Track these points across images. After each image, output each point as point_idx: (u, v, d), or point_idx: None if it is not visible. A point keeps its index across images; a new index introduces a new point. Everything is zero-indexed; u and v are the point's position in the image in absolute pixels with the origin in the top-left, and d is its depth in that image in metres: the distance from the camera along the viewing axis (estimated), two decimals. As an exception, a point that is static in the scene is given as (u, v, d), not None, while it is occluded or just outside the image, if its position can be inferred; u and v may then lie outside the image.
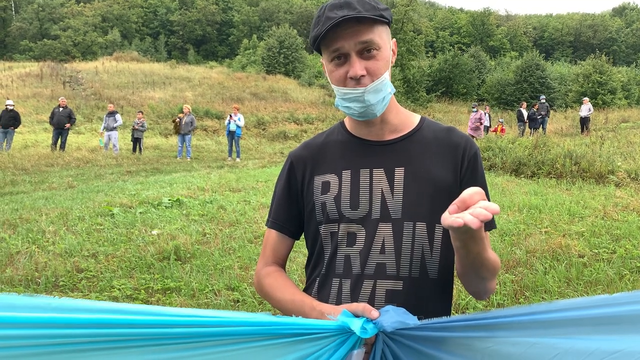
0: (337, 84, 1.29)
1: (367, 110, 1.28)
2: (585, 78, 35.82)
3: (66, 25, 65.04)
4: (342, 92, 1.29)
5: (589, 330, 1.03)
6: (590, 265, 5.05)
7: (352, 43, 1.23)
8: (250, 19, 72.68)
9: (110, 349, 1.07)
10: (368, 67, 1.25)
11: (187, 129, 17.20)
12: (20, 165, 13.71)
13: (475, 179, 1.35)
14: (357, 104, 1.28)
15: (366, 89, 1.25)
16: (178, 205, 7.85)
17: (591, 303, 1.04)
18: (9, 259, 5.25)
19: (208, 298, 4.34)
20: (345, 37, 1.23)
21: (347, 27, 1.22)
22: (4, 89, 29.67)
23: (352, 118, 1.40)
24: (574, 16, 79.89)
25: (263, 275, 1.44)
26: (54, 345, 1.05)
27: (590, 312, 1.03)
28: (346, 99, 1.29)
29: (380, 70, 1.26)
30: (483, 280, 1.27)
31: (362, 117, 1.31)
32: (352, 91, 1.26)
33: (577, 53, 68.57)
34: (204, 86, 35.74)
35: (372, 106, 1.28)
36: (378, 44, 1.25)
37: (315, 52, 1.38)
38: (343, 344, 1.10)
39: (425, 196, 1.29)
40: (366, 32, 1.23)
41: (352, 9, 1.22)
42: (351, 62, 1.25)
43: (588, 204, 7.71)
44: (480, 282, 1.28)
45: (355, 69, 1.24)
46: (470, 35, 68.39)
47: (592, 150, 11.97)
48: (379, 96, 1.28)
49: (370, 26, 1.24)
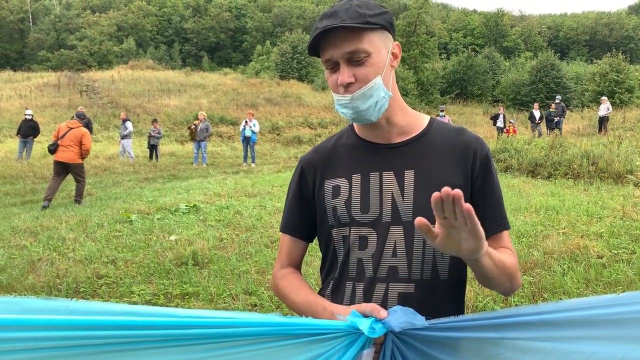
0: (332, 90, 1.32)
1: (359, 116, 1.30)
2: (602, 77, 35.34)
3: (82, 35, 65.93)
4: (335, 98, 1.31)
5: (599, 333, 1.03)
6: (609, 266, 5.00)
7: (340, 52, 1.25)
8: (263, 25, 73.00)
9: (127, 350, 1.10)
10: (356, 74, 1.26)
11: (203, 135, 17.32)
12: (39, 174, 13.93)
13: (488, 180, 1.35)
14: (348, 110, 1.29)
15: (353, 95, 1.26)
16: (195, 211, 7.92)
17: (601, 302, 1.04)
18: (30, 266, 5.34)
19: (226, 302, 4.38)
20: (333, 46, 1.25)
21: (335, 36, 1.24)
22: (23, 99, 30.19)
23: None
24: (589, 15, 78.98)
25: (279, 277, 1.47)
26: (72, 348, 1.08)
27: (601, 312, 1.04)
28: (340, 105, 1.31)
29: (369, 77, 1.26)
30: (505, 283, 1.26)
31: (357, 121, 1.33)
32: (342, 98, 1.29)
33: (593, 52, 67.74)
34: (218, 93, 35.96)
35: (363, 112, 1.28)
36: (366, 51, 1.25)
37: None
38: (353, 344, 1.12)
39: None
40: (353, 41, 1.24)
41: (337, 18, 1.23)
42: (340, 70, 1.27)
43: (606, 204, 7.62)
44: (504, 284, 1.26)
45: (343, 77, 1.25)
46: (484, 37, 67.91)
47: (609, 150, 11.82)
48: (369, 102, 1.27)
49: (358, 34, 1.24)
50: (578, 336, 1.05)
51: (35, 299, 1.10)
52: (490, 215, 1.34)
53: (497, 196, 1.36)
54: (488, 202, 1.34)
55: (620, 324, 1.02)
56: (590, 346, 1.03)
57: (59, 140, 9.45)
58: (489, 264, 1.14)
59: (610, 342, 1.02)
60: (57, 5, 75.11)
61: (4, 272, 5.10)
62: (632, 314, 1.01)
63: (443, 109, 19.70)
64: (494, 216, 1.34)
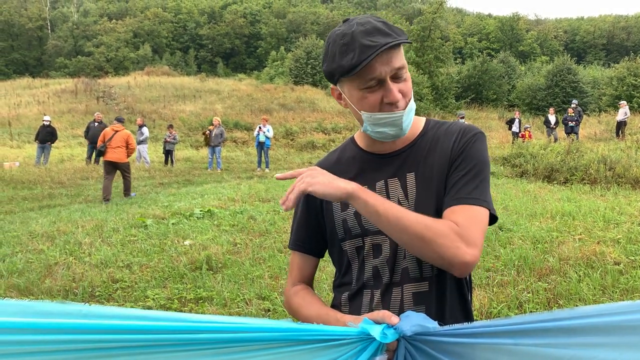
0: (370, 110, 1.27)
1: (402, 132, 1.31)
2: (620, 81, 34.92)
3: (99, 42, 66.86)
4: (376, 117, 1.28)
5: (616, 340, 1.02)
6: (626, 272, 4.93)
7: (389, 69, 1.23)
8: (278, 31, 73.38)
9: (139, 354, 1.10)
10: (401, 90, 1.26)
11: (217, 140, 17.42)
12: (57, 179, 14.12)
13: (464, 157, 1.31)
14: (393, 128, 1.29)
15: (404, 111, 1.27)
16: (209, 215, 7.96)
17: (619, 309, 1.03)
18: (47, 270, 5.41)
19: (239, 307, 4.39)
20: (382, 64, 1.22)
21: (383, 54, 1.22)
22: (41, 105, 30.66)
23: (366, 135, 1.40)
24: (606, 18, 78.19)
25: (291, 295, 1.47)
26: (85, 351, 1.09)
27: (618, 319, 1.03)
28: (380, 124, 1.29)
29: (410, 90, 1.30)
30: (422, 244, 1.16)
31: (394, 138, 1.33)
32: (390, 115, 1.27)
33: (610, 56, 67.02)
34: (233, 98, 36.19)
35: (407, 127, 1.31)
36: (406, 66, 1.28)
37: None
38: (365, 350, 1.12)
39: (431, 193, 1.30)
40: (399, 57, 1.25)
41: (387, 35, 1.21)
42: (387, 87, 1.24)
43: (624, 210, 7.53)
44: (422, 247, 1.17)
45: (395, 95, 1.24)
46: (499, 41, 67.53)
47: (627, 155, 11.68)
48: (411, 115, 1.31)
49: (400, 50, 1.26)
50: (595, 343, 1.03)
51: (50, 303, 1.12)
52: (456, 190, 1.27)
53: (473, 176, 1.28)
54: (462, 179, 1.28)
55: (638, 331, 1.01)
56: (607, 353, 1.02)
57: (108, 143, 10.68)
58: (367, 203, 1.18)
59: (627, 349, 1.01)
60: (75, 13, 76.28)
61: (21, 276, 5.18)
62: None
63: (462, 115, 18.93)
64: (459, 191, 1.27)
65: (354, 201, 1.19)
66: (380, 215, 1.17)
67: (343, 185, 1.18)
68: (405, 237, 1.17)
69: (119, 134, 10.81)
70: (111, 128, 11.08)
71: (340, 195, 1.17)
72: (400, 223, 1.16)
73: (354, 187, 1.18)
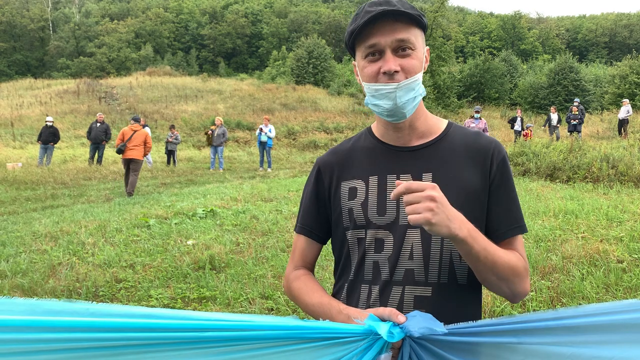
0: (368, 80, 1.28)
1: (397, 109, 1.27)
2: (622, 79, 34.89)
3: (101, 43, 66.97)
4: (373, 88, 1.28)
5: (619, 338, 1.02)
6: (629, 270, 4.92)
7: (389, 40, 1.23)
8: (279, 30, 73.41)
9: (145, 352, 1.11)
10: (403, 64, 1.25)
11: (220, 140, 17.45)
12: (59, 179, 14.14)
13: (505, 183, 1.34)
14: (388, 102, 1.26)
15: (399, 84, 1.24)
16: (212, 215, 7.97)
17: (622, 307, 1.04)
18: (51, 270, 5.42)
19: (243, 306, 4.40)
20: (382, 33, 1.24)
21: (384, 23, 1.23)
22: (44, 106, 30.73)
23: (380, 123, 1.40)
24: (608, 16, 78.03)
25: (292, 279, 1.46)
26: (90, 349, 1.10)
27: (621, 317, 1.03)
28: (376, 96, 1.28)
29: (415, 69, 1.26)
30: (502, 282, 1.25)
31: (391, 116, 1.30)
32: (384, 87, 1.25)
33: (612, 54, 66.92)
34: (235, 98, 36.22)
35: (403, 104, 1.26)
36: (414, 44, 1.26)
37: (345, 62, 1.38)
38: (370, 348, 1.12)
39: (454, 201, 1.23)
40: (403, 30, 1.24)
41: (391, 5, 1.23)
42: (386, 57, 1.24)
43: (627, 208, 7.51)
44: (501, 284, 1.25)
45: (390, 64, 1.23)
46: (501, 39, 67.49)
47: (630, 153, 11.65)
48: (410, 95, 1.27)
49: (407, 25, 1.25)
50: (598, 341, 1.04)
51: (57, 301, 1.13)
52: (506, 218, 1.33)
53: (513, 199, 1.35)
54: (504, 205, 1.34)
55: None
56: (610, 351, 1.02)
57: (127, 142, 11.33)
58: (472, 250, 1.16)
59: (630, 346, 1.01)
60: (77, 14, 76.38)
61: (25, 276, 5.19)
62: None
63: (479, 110, 16.22)
64: (509, 219, 1.33)
65: (459, 245, 1.16)
66: (480, 261, 1.19)
67: (456, 231, 1.11)
68: (492, 277, 1.24)
69: (137, 134, 11.41)
70: (130, 128, 11.52)
71: (448, 236, 1.12)
72: (494, 267, 1.21)
73: (465, 235, 1.13)
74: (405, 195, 1.11)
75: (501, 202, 1.34)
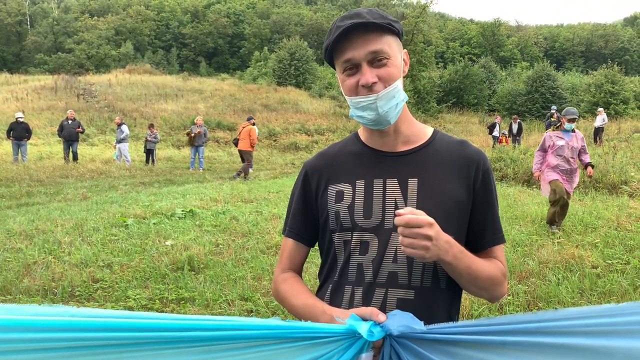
0: (349, 93, 1.31)
1: (380, 118, 1.29)
2: (597, 88, 35.61)
3: (80, 39, 65.87)
4: (354, 101, 1.30)
5: (596, 341, 1.05)
6: (603, 276, 5.03)
7: (362, 53, 1.26)
8: (261, 31, 73.12)
9: (125, 352, 1.11)
10: (380, 75, 1.27)
11: (200, 140, 17.33)
12: (35, 176, 13.89)
13: (488, 195, 1.39)
14: (370, 112, 1.29)
15: (378, 95, 1.27)
16: (191, 216, 7.91)
17: (599, 312, 1.07)
18: (26, 269, 5.33)
19: (222, 308, 4.37)
20: (355, 47, 1.26)
21: (357, 37, 1.25)
22: (20, 102, 30.11)
23: (366, 129, 1.42)
24: (585, 26, 79.42)
25: (279, 281, 1.48)
26: (70, 349, 1.09)
27: (598, 321, 1.06)
28: (359, 108, 1.30)
29: (393, 77, 1.28)
30: (482, 290, 1.35)
31: (376, 125, 1.33)
32: (364, 99, 1.28)
33: (588, 63, 68.10)
34: (215, 98, 35.98)
35: (385, 113, 1.29)
36: (388, 53, 1.28)
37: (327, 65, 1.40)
38: (351, 347, 1.13)
39: (439, 208, 1.30)
40: (375, 42, 1.26)
41: (360, 17, 1.25)
42: (362, 70, 1.27)
43: (601, 215, 7.67)
44: (481, 292, 1.36)
45: (367, 77, 1.26)
46: (481, 46, 68.15)
47: (604, 161, 11.90)
48: (392, 103, 1.29)
49: (379, 35, 1.27)
50: (574, 345, 1.06)
51: (38, 307, 1.12)
52: (490, 229, 1.39)
53: (495, 211, 1.41)
54: (489, 216, 1.39)
55: (617, 335, 1.04)
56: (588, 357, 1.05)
57: (238, 136, 14.94)
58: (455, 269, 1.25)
59: (606, 355, 1.04)
60: (55, 9, 75.15)
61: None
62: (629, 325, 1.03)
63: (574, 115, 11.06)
64: (492, 230, 1.40)
65: (444, 265, 1.26)
66: (462, 277, 1.28)
67: (442, 256, 1.20)
68: (472, 288, 1.34)
69: (244, 129, 14.76)
70: (242, 125, 15.16)
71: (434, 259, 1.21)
72: (475, 281, 1.30)
73: (450, 259, 1.22)
74: (404, 229, 1.15)
75: (485, 213, 1.39)
